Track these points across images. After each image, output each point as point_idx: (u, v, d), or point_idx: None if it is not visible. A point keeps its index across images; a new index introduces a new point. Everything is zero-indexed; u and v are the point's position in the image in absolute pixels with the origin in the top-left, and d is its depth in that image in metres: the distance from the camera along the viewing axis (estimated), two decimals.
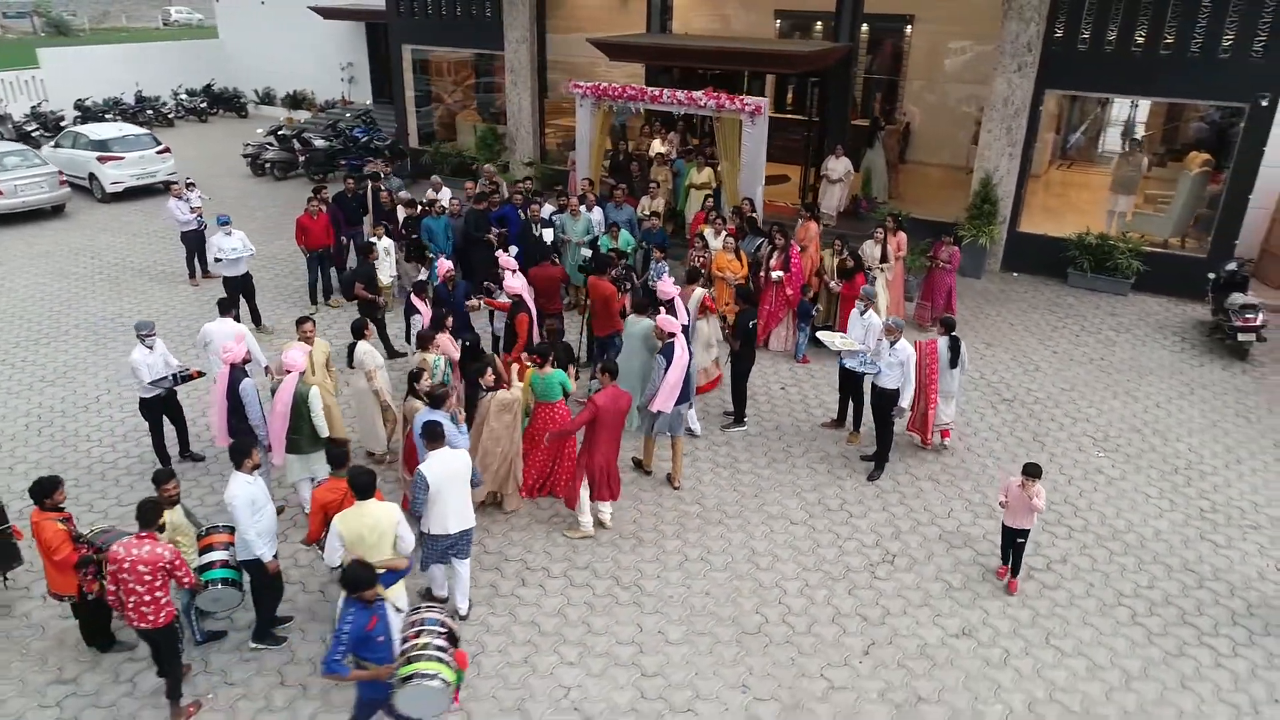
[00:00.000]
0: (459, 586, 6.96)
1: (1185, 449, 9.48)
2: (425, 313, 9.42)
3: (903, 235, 11.85)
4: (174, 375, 8.47)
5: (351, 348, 8.50)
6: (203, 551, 6.31)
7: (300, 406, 7.50)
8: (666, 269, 10.37)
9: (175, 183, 13.59)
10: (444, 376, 8.18)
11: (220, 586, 6.24)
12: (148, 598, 5.61)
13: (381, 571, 5.30)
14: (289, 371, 7.61)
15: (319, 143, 20.87)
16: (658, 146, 15.80)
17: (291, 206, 18.11)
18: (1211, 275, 12.77)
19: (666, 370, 8.14)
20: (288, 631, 6.79)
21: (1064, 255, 13.96)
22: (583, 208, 12.58)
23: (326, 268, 13.15)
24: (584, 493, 7.84)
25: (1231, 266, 12.16)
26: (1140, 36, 12.88)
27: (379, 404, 8.61)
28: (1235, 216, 13.03)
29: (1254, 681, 6.44)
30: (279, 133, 21.59)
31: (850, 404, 9.60)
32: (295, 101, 28.38)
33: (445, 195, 13.69)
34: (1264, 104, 12.34)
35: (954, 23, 17.13)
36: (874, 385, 8.75)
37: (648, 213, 12.95)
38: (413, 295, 9.68)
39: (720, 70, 17.36)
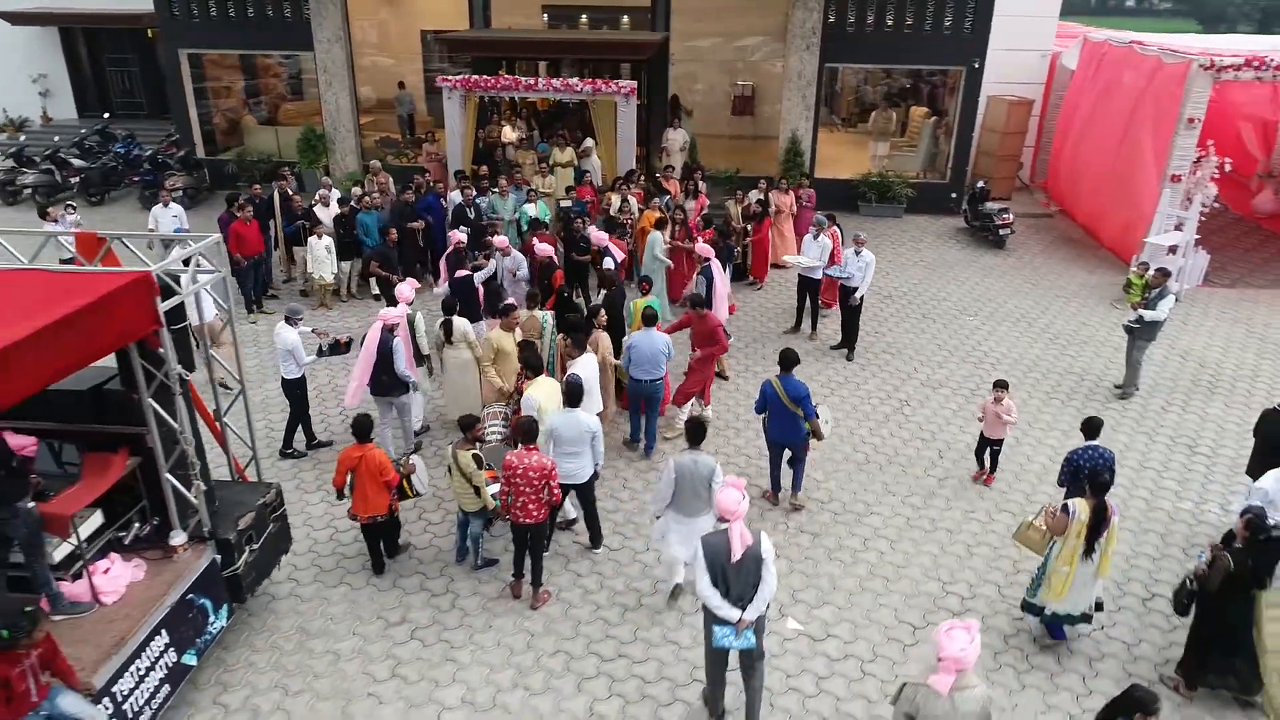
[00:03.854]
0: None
1: (1014, 308, 13.55)
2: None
3: (793, 194, 14.88)
4: (329, 345, 8.94)
5: (447, 324, 9.40)
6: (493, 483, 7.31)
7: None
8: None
9: (51, 206, 12.39)
10: (553, 329, 9.48)
11: None
12: (534, 497, 6.73)
13: None
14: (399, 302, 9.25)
15: (78, 162, 18.99)
16: (509, 134, 17.17)
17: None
18: (954, 195, 17.41)
19: (711, 287, 10.36)
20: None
21: (854, 191, 17.92)
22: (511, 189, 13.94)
23: (260, 275, 12.98)
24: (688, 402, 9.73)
25: (981, 185, 16.77)
26: (889, 19, 17.03)
27: (479, 371, 9.57)
28: (964, 151, 17.81)
29: (1145, 419, 10.27)
30: (21, 154, 19.12)
31: (807, 309, 12.35)
32: None
33: (335, 195, 14.08)
34: (976, 66, 17.07)
35: (706, 14, 20.25)
36: (842, 286, 11.54)
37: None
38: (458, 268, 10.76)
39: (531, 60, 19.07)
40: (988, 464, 9.08)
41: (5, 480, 5.23)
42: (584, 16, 22.34)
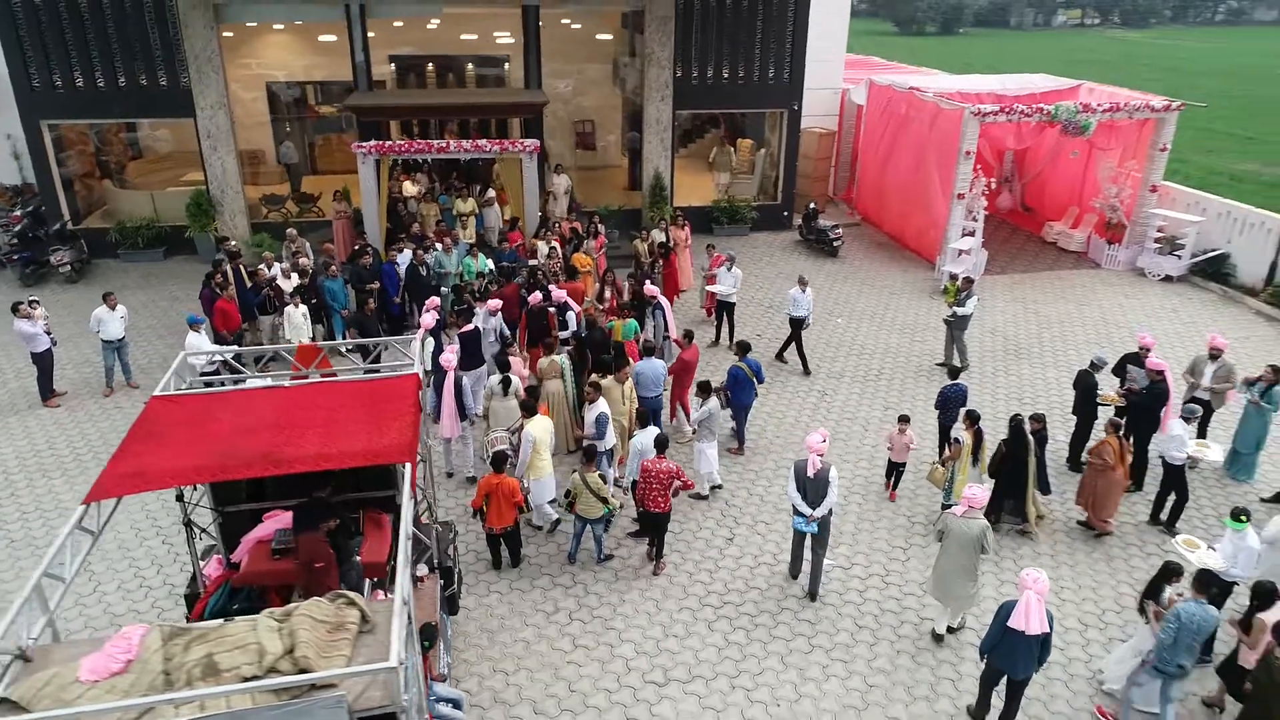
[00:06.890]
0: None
1: (866, 304, 17.37)
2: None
3: (688, 228, 17.72)
4: None
5: (506, 380, 11.29)
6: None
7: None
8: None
9: (22, 303, 12.63)
10: (573, 371, 11.81)
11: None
12: (662, 491, 9.18)
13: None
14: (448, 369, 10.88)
15: None
16: (410, 188, 18.69)
17: None
18: (786, 213, 21.21)
19: (665, 318, 13.31)
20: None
21: (709, 216, 21.19)
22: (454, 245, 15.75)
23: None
24: (680, 414, 12.47)
25: (813, 206, 20.61)
26: (725, 72, 20.39)
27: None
28: (791, 178, 21.63)
29: (984, 383, 14.24)
30: None
31: (724, 328, 15.38)
32: None
33: (278, 268, 15.18)
34: (796, 108, 20.88)
35: (548, 58, 22.61)
36: (792, 317, 14.55)
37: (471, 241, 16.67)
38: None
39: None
40: (894, 481, 11.30)
41: (344, 538, 6.97)
42: (429, 65, 24.07)
